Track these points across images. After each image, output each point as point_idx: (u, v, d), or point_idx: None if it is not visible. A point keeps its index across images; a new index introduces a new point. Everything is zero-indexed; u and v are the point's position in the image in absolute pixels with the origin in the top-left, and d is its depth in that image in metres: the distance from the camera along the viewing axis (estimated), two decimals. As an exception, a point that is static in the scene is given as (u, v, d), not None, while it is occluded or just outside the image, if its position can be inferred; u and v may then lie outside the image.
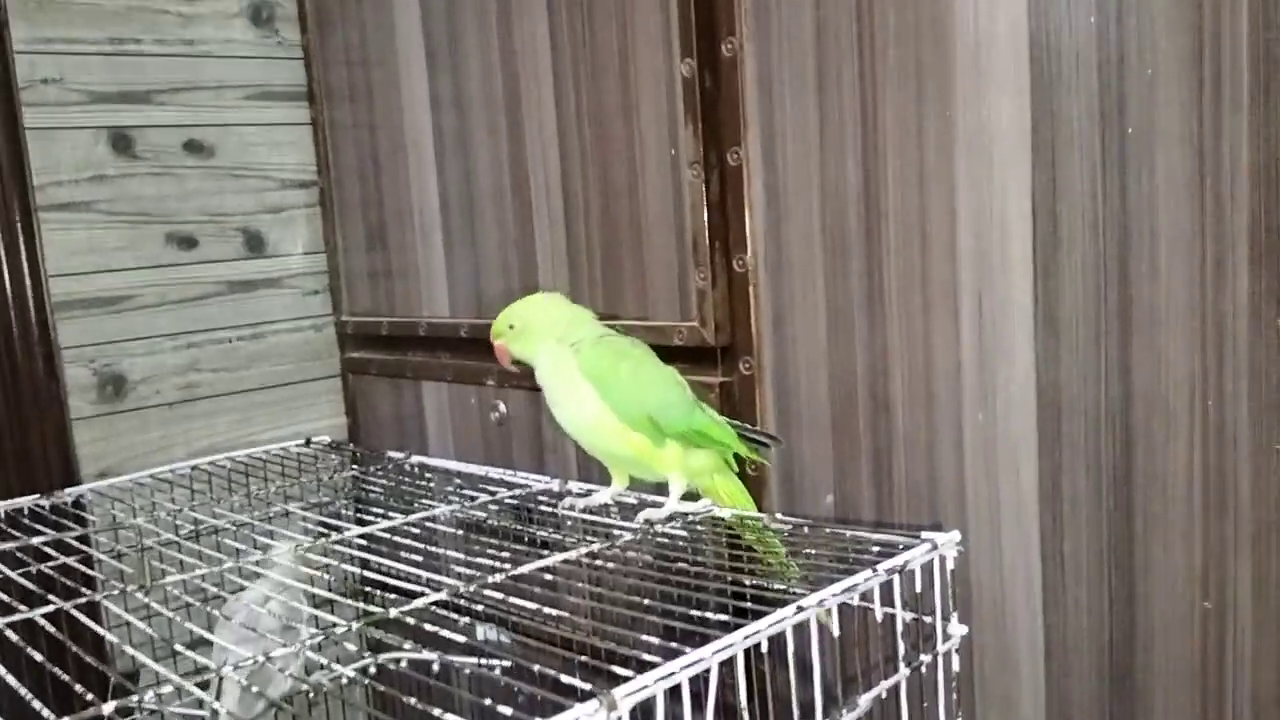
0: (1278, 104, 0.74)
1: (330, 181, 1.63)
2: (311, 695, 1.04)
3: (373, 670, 0.93)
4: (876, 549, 0.65)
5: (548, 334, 0.91)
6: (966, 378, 0.93)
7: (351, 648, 0.62)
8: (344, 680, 0.65)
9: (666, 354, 1.17)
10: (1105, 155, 0.83)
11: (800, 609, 0.55)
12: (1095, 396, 0.86)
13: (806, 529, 0.74)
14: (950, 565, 0.65)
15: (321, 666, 0.85)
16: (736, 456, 0.94)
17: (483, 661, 0.83)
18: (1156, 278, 0.81)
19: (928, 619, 0.65)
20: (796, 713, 0.56)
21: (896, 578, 0.62)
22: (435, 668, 0.69)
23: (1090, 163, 0.83)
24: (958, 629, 0.66)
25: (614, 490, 0.92)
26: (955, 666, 0.67)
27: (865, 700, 0.60)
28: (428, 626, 0.60)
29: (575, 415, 0.89)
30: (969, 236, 0.91)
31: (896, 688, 0.63)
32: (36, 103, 1.40)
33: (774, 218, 1.05)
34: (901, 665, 0.63)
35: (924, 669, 0.64)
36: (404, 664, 0.98)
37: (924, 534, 0.66)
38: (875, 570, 0.60)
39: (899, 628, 0.63)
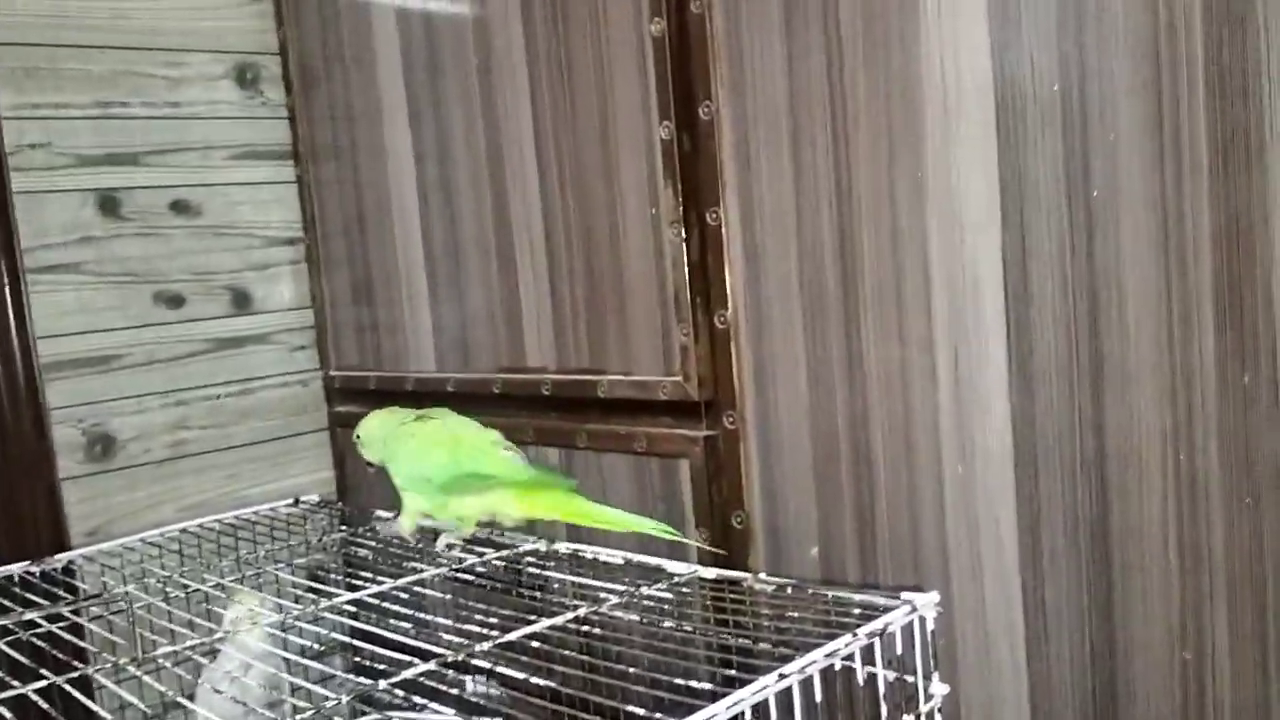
0: (1236, 167, 0.77)
1: (316, 238, 1.65)
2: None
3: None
4: (858, 610, 0.66)
5: (378, 441, 1.15)
6: (945, 431, 0.94)
7: None
8: None
9: (652, 408, 1.19)
10: (1072, 216, 0.85)
11: (782, 676, 0.57)
12: (1071, 449, 0.87)
13: (790, 589, 0.75)
14: (930, 625, 0.67)
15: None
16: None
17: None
18: (1126, 335, 0.84)
19: (909, 679, 0.67)
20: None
21: (877, 641, 0.63)
22: None
23: (1058, 223, 0.85)
24: (939, 688, 0.67)
25: (464, 529, 1.07)
26: (938, 726, 0.68)
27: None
28: (416, 697, 0.61)
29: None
30: (943, 294, 0.93)
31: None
32: (24, 167, 1.42)
33: (753, 275, 1.07)
34: (884, 728, 0.64)
35: (907, 730, 0.65)
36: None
37: (904, 595, 0.68)
38: (855, 635, 0.62)
39: (881, 689, 0.64)
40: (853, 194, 0.98)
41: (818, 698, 0.58)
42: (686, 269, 1.11)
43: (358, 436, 1.18)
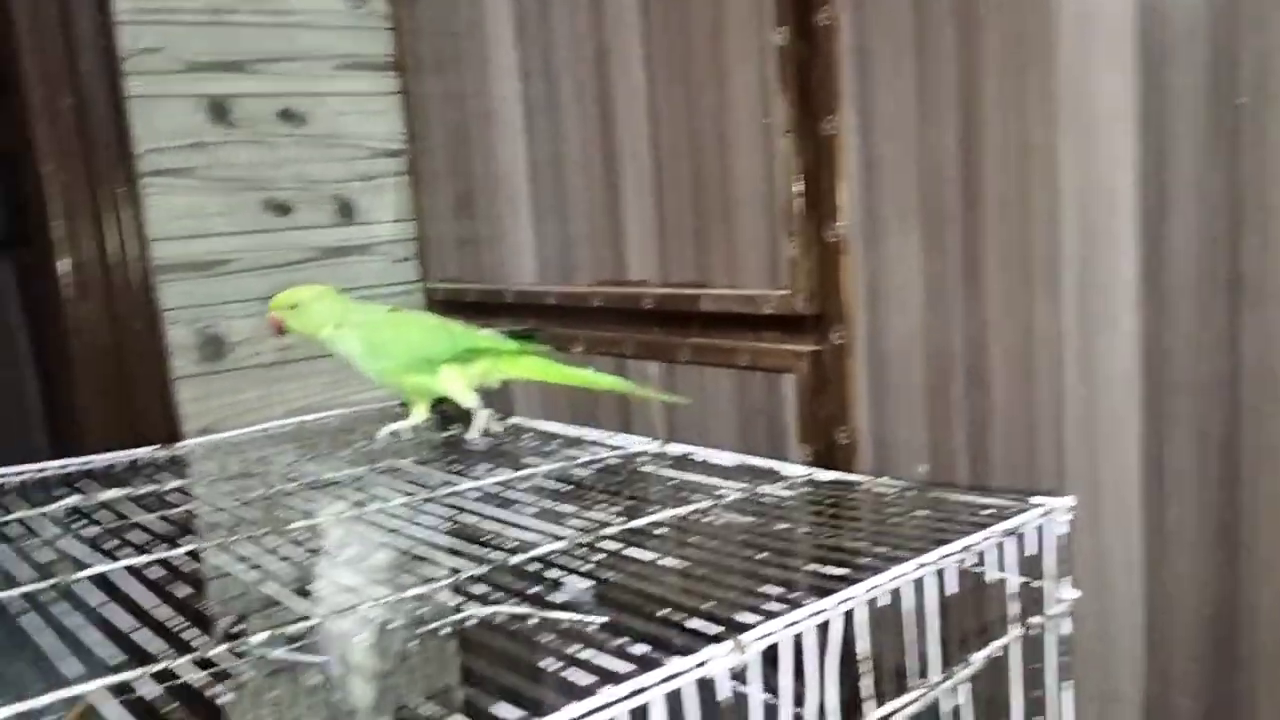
0: (1405, 72, 0.73)
1: (418, 150, 1.65)
2: (412, 645, 1.07)
3: (473, 622, 0.96)
4: (988, 512, 0.65)
5: (326, 320, 1.16)
6: (1068, 350, 0.92)
7: (450, 602, 0.64)
8: (443, 632, 0.68)
9: (757, 323, 1.18)
10: (1216, 126, 0.82)
11: (921, 565, 0.57)
12: (1202, 369, 0.85)
13: (914, 491, 0.74)
14: (1063, 529, 0.66)
15: (421, 620, 0.88)
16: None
17: (582, 617, 0.85)
18: (1267, 250, 0.80)
19: (1036, 583, 0.66)
20: (913, 667, 0.57)
21: (1012, 540, 0.62)
22: (533, 622, 0.71)
23: (1199, 134, 0.82)
24: (1069, 593, 0.66)
25: (416, 419, 1.17)
26: (1066, 630, 0.67)
27: (979, 658, 0.61)
28: (518, 584, 0.62)
29: (373, 368, 1.15)
30: (1072, 208, 0.90)
31: (1007, 649, 0.64)
32: (139, 71, 1.45)
33: (869, 187, 1.05)
34: (1014, 626, 0.64)
35: (1033, 631, 0.65)
36: (500, 619, 1.01)
37: (1035, 499, 0.67)
38: (991, 531, 0.61)
39: (1011, 590, 0.64)
40: (979, 103, 0.95)
41: (949, 589, 0.58)
42: (798, 180, 1.10)
43: (293, 305, 1.16)
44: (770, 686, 0.51)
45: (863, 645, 0.55)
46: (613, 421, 1.37)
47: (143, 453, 1.04)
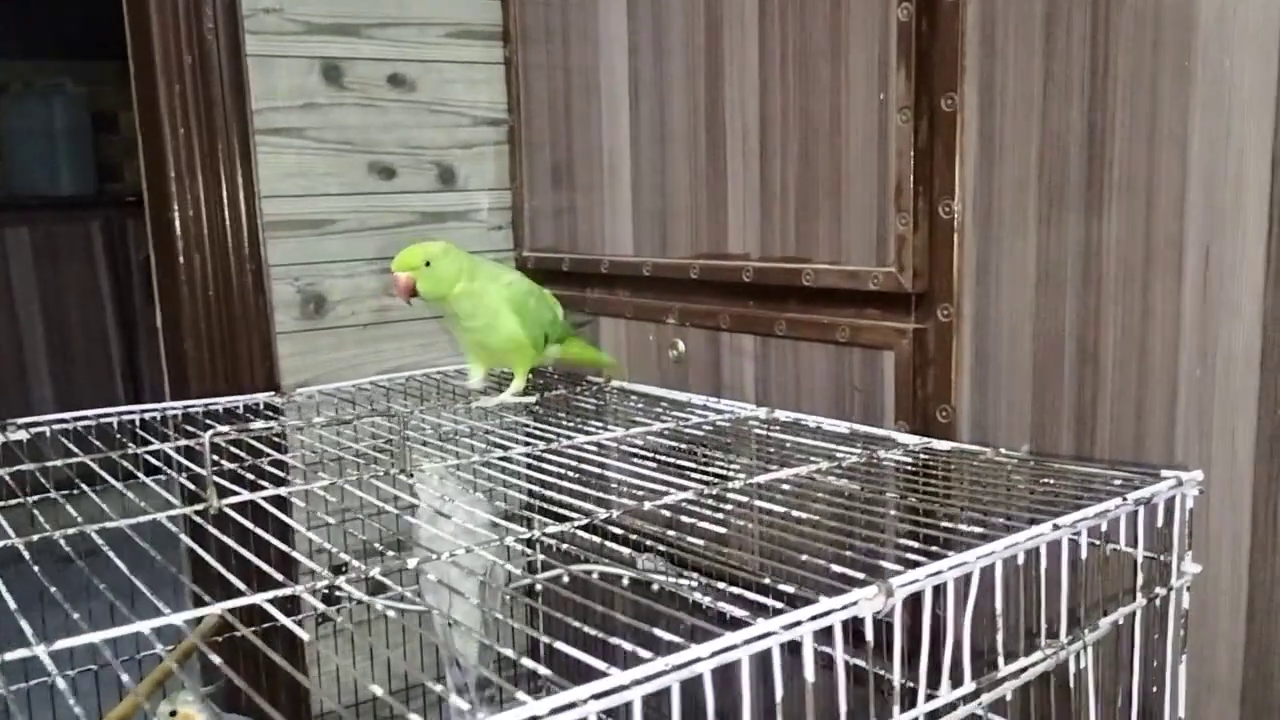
0: None
1: (520, 120, 1.68)
2: (507, 599, 1.10)
3: (565, 580, 0.98)
4: (1117, 482, 0.66)
5: (457, 277, 1.16)
6: (1185, 333, 0.92)
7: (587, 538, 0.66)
8: (536, 588, 0.70)
9: (858, 298, 1.19)
10: (1359, 110, 0.81)
11: (1056, 526, 0.57)
12: (1325, 358, 0.84)
13: (1037, 461, 0.75)
14: (1190, 504, 0.66)
15: (510, 575, 0.90)
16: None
17: (677, 580, 0.86)
18: (1407, 238, 0.79)
19: (1151, 555, 0.66)
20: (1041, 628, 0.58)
21: (1142, 510, 0.63)
22: (625, 581, 0.73)
23: (1342, 117, 0.81)
24: (1191, 567, 0.67)
25: (478, 379, 1.24)
26: (1185, 604, 0.67)
27: (1105, 623, 0.62)
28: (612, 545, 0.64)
29: (499, 333, 1.18)
30: (1199, 191, 0.90)
31: (1131, 617, 0.64)
32: (258, 31, 1.48)
33: (987, 165, 1.05)
34: (1139, 595, 0.64)
35: (1156, 602, 0.65)
36: (596, 576, 1.03)
37: (1166, 471, 0.67)
38: (1125, 499, 0.62)
39: (1139, 559, 0.64)
40: (1108, 81, 0.94)
41: (1082, 554, 0.59)
42: (912, 157, 1.10)
43: (426, 263, 1.13)
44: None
45: (999, 600, 0.56)
46: (704, 391, 1.39)
47: (262, 396, 1.08)
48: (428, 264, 1.12)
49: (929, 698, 0.52)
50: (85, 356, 3.55)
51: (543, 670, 0.43)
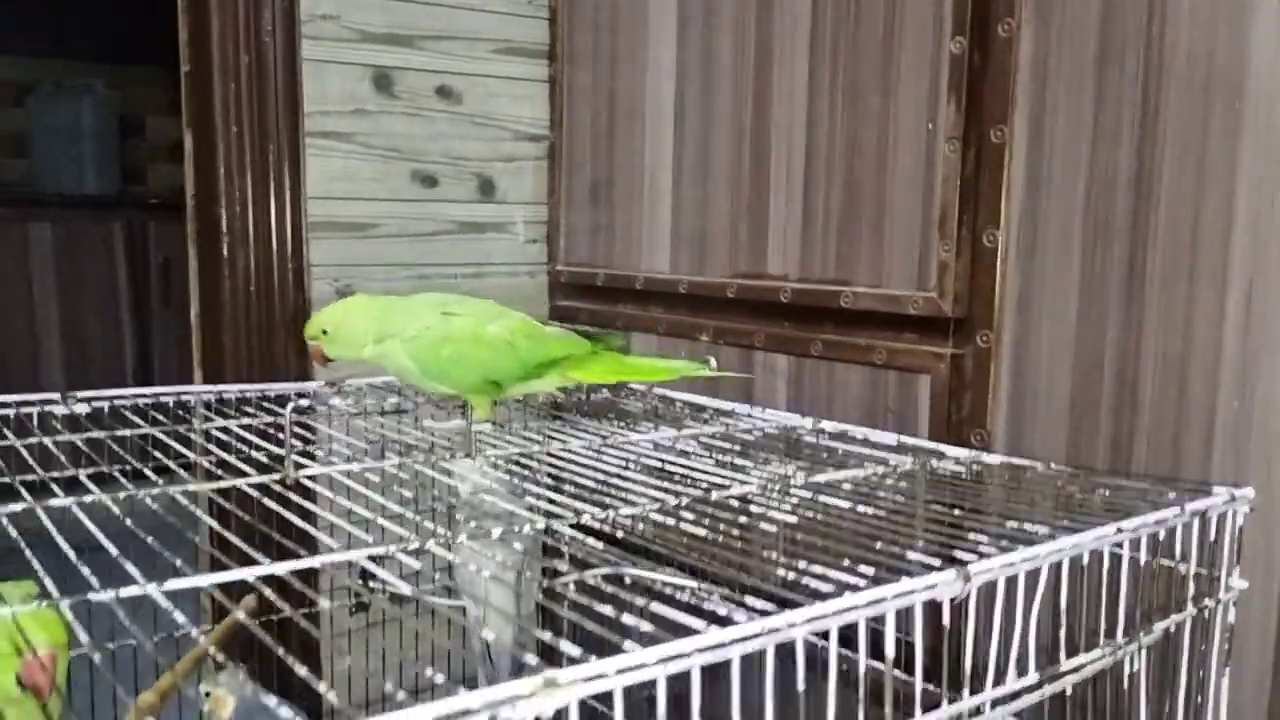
0: None
1: (561, 136, 1.71)
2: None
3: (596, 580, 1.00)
4: (1171, 496, 0.68)
5: (365, 337, 1.05)
6: (1225, 367, 0.94)
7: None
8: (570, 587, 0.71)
9: (895, 322, 1.21)
10: (1404, 157, 0.83)
11: (1120, 530, 0.59)
12: (1364, 395, 0.86)
13: (1085, 476, 0.77)
14: (1240, 521, 0.68)
15: (557, 572, 0.92)
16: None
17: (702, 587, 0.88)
18: None
19: (1202, 570, 0.68)
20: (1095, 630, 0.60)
21: (1196, 521, 0.65)
22: (688, 593, 0.75)
23: (1389, 162, 0.84)
24: (1239, 582, 0.68)
25: (478, 418, 1.05)
26: (1231, 618, 0.69)
27: (1159, 628, 0.63)
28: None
29: (432, 390, 1.05)
30: (1245, 230, 0.92)
31: (1180, 625, 0.66)
32: (315, 36, 1.52)
33: (1033, 197, 1.08)
34: (1190, 605, 0.66)
35: (1205, 613, 0.67)
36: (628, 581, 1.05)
37: (1218, 488, 0.69)
38: (1182, 510, 0.64)
39: (1191, 571, 0.66)
40: (1158, 121, 0.97)
41: (1142, 556, 0.61)
42: (959, 186, 1.13)
43: (324, 331, 1.07)
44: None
45: (1064, 596, 0.58)
46: (737, 410, 1.41)
47: (313, 385, 1.10)
48: (325, 332, 1.06)
49: (997, 685, 0.54)
50: (99, 355, 3.57)
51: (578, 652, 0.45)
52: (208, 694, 1.04)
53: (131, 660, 1.03)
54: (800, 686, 0.48)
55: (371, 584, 1.11)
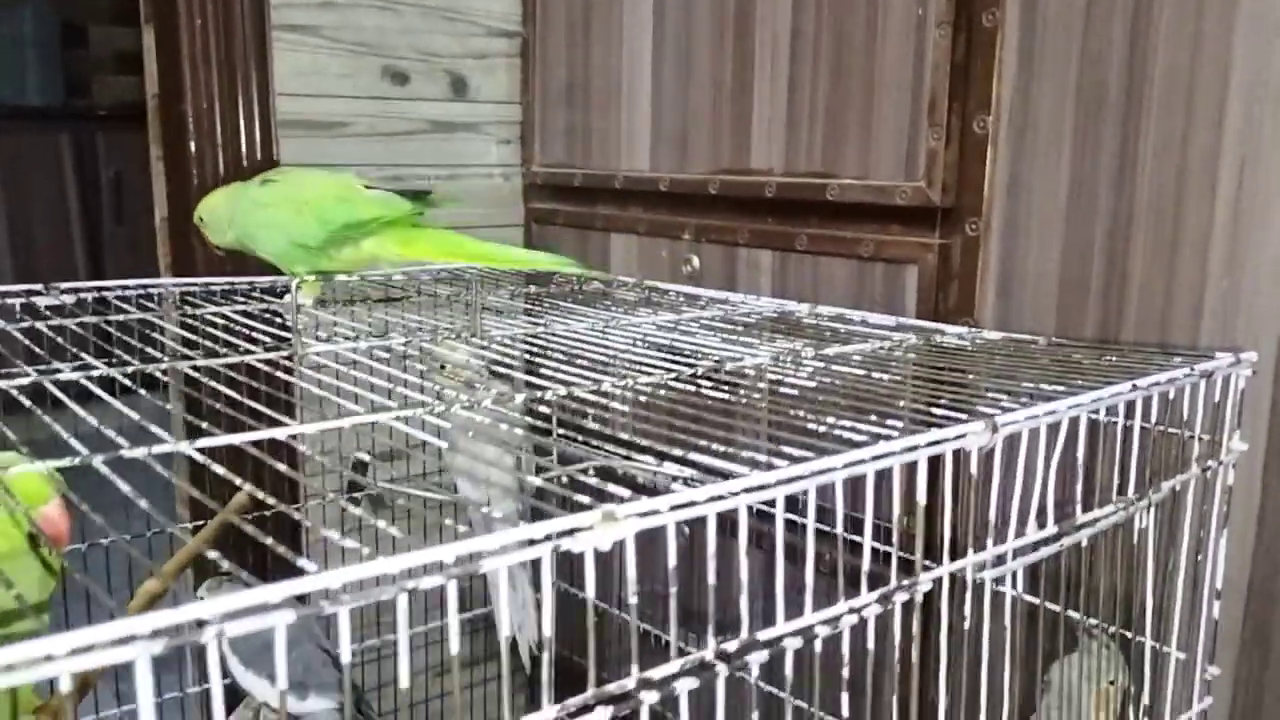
0: None
1: (534, 33, 1.67)
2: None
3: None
4: (1177, 360, 0.69)
5: (225, 220, 1.10)
6: (1215, 245, 0.95)
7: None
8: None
9: (882, 214, 1.21)
10: (1399, 31, 0.84)
11: (1136, 387, 0.60)
12: (1350, 270, 0.88)
13: (1086, 348, 0.78)
14: (1242, 385, 0.70)
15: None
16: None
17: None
18: None
19: (1189, 434, 0.70)
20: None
21: (1203, 383, 0.66)
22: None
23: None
24: (1239, 445, 0.70)
25: (304, 296, 1.06)
26: (1230, 480, 0.71)
27: (1167, 486, 0.65)
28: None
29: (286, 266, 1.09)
30: (1239, 103, 0.93)
31: (1185, 486, 0.68)
32: (278, -75, 1.46)
33: (1025, 80, 1.07)
34: (1194, 465, 0.68)
35: (1208, 475, 0.69)
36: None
37: (1221, 352, 0.71)
38: (1192, 370, 0.65)
39: (1196, 432, 0.68)
40: (1154, -2, 0.97)
41: (1152, 418, 0.62)
42: (948, 72, 1.12)
43: (200, 219, 1.12)
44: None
45: (1081, 451, 0.59)
46: (720, 307, 1.41)
47: (294, 277, 1.08)
48: (202, 219, 1.12)
49: (1018, 535, 0.55)
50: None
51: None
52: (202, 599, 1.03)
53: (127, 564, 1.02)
54: (839, 528, 0.49)
55: (364, 479, 1.11)
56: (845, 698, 0.49)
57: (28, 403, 0.58)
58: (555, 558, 0.40)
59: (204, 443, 0.48)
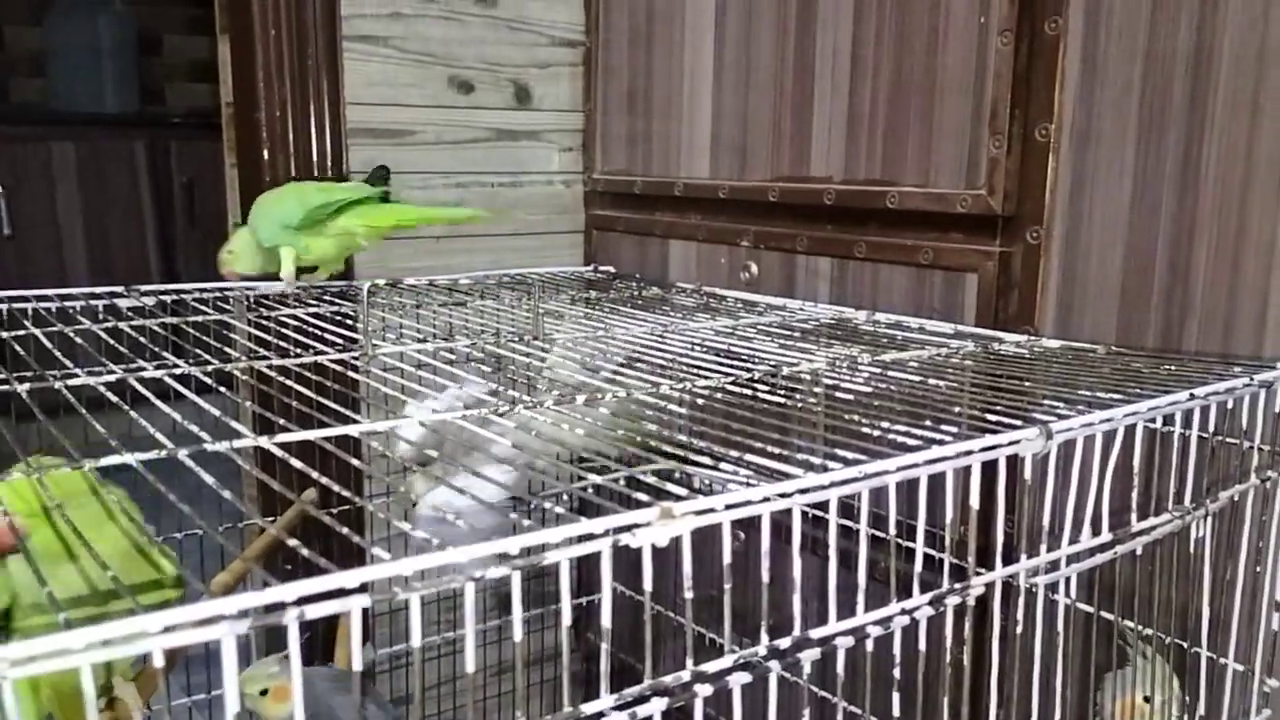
0: None
1: (597, 42, 1.69)
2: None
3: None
4: (1237, 369, 0.69)
5: (246, 240, 1.22)
6: (1279, 256, 0.94)
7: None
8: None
9: (942, 221, 1.21)
10: None
11: (1193, 396, 0.60)
12: None
13: (1150, 354, 0.78)
14: (1304, 395, 0.69)
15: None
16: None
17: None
18: None
19: (1249, 444, 0.69)
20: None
21: (1263, 393, 0.66)
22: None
23: None
24: (1298, 456, 0.70)
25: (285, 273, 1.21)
26: (1293, 491, 0.71)
27: (1225, 495, 0.65)
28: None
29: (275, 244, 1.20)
30: (1306, 114, 0.92)
31: (1245, 494, 0.67)
32: (349, -62, 1.50)
33: (1087, 88, 1.07)
34: (1253, 475, 0.68)
35: (1268, 485, 0.68)
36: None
37: (1282, 364, 0.70)
38: (1251, 380, 0.65)
39: (1256, 443, 0.67)
40: (1218, 3, 0.96)
41: (1210, 427, 0.62)
42: (1010, 80, 1.12)
43: (230, 252, 1.23)
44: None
45: (1137, 459, 0.59)
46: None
47: (366, 282, 1.11)
48: (230, 253, 1.22)
49: (1072, 542, 0.55)
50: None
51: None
52: (264, 692, 1.03)
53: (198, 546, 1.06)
54: (893, 532, 0.50)
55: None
56: (896, 698, 0.50)
57: (114, 398, 0.61)
58: (614, 553, 0.41)
59: (282, 438, 0.50)
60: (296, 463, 0.49)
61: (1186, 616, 0.67)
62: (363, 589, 0.37)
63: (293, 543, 0.42)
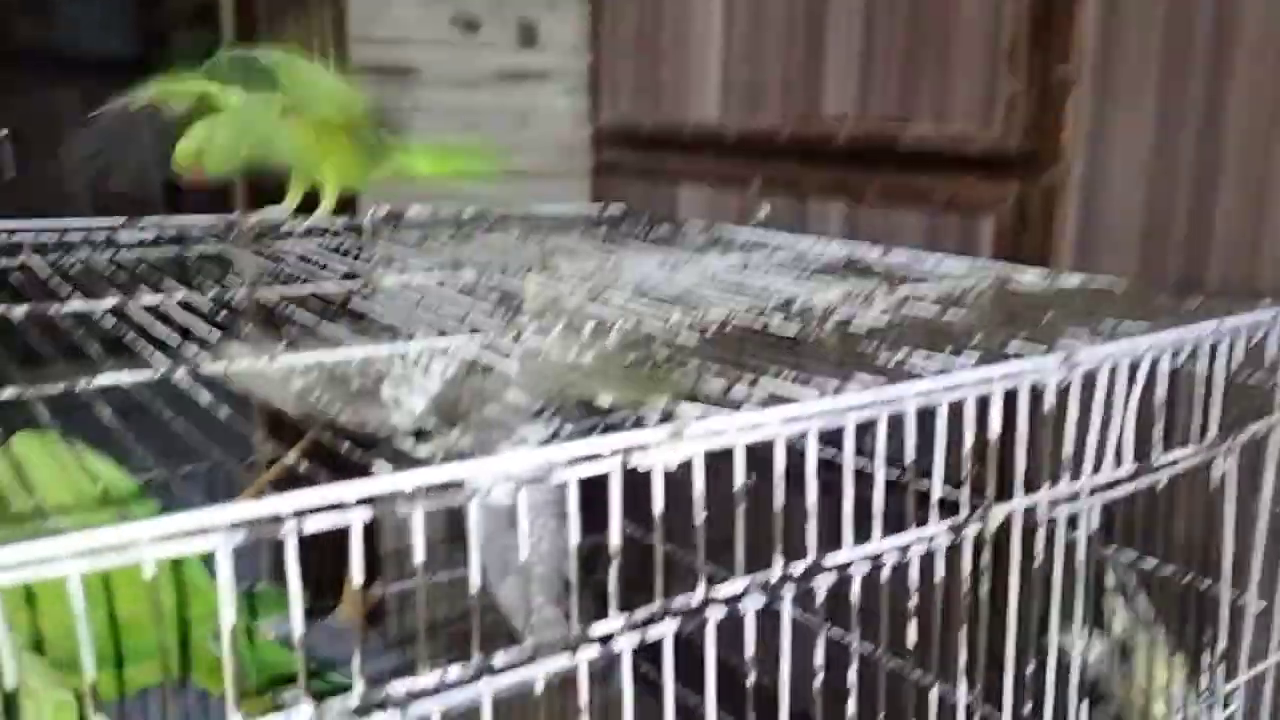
0: None
1: (605, -20, 1.66)
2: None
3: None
4: (1264, 302, 0.67)
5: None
6: (1307, 194, 0.92)
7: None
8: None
9: (958, 163, 1.19)
10: None
11: (1219, 328, 0.59)
12: None
13: (1165, 297, 0.76)
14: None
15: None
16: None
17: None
18: None
19: (1273, 380, 0.68)
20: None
21: (1290, 326, 0.64)
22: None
23: None
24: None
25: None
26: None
27: (1249, 429, 0.63)
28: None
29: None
30: (1338, 48, 0.89)
31: (1268, 433, 0.66)
32: None
33: (1109, 26, 1.04)
34: (1276, 411, 0.66)
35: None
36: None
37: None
38: (1277, 315, 0.63)
39: (1278, 380, 0.66)
40: (1251, -65, 0.93)
41: (1235, 362, 0.60)
42: (1030, 18, 1.09)
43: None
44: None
45: (1161, 390, 0.57)
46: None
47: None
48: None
49: (1095, 472, 0.54)
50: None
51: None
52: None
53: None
54: (910, 457, 0.48)
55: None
56: (912, 627, 0.48)
57: (118, 325, 0.60)
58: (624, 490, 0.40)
59: (289, 359, 0.49)
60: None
61: (1206, 553, 0.66)
62: (367, 502, 0.36)
63: (302, 465, 0.41)
